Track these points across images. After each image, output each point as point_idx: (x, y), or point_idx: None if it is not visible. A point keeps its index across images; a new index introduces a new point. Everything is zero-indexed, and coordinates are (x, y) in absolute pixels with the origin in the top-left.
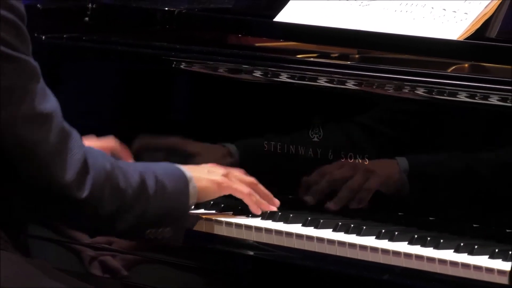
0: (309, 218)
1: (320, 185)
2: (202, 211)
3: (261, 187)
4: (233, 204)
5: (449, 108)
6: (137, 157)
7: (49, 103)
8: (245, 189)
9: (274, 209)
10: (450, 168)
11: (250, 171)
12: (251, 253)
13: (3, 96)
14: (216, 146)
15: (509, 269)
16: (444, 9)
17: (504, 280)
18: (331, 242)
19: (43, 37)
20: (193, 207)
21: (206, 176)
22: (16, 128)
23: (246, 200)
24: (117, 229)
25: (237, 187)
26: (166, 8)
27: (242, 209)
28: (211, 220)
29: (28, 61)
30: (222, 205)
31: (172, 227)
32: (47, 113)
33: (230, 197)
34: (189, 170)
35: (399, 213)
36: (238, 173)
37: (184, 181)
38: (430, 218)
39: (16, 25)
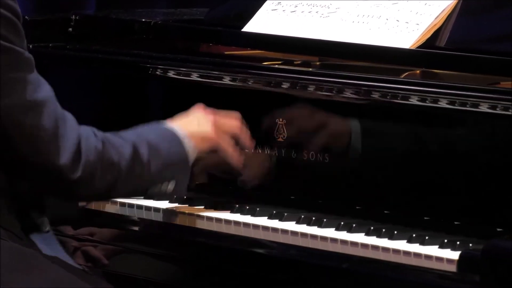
0: (274, 212)
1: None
2: (176, 205)
3: (244, 133)
4: (204, 199)
5: (402, 111)
6: None
7: (44, 90)
8: (230, 148)
9: (251, 147)
10: (403, 165)
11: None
12: (222, 243)
13: (1, 86)
14: None
15: (457, 258)
16: (398, 20)
17: (453, 268)
18: (294, 233)
19: (31, 46)
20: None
21: (197, 129)
22: (13, 116)
23: (229, 157)
24: (113, 197)
25: (224, 146)
26: (143, 20)
27: (213, 203)
28: (184, 213)
29: (23, 52)
30: (195, 199)
31: (174, 183)
32: (41, 100)
33: (201, 191)
34: (181, 126)
35: (357, 207)
36: (224, 114)
37: (178, 141)
38: (385, 212)
39: (13, 22)
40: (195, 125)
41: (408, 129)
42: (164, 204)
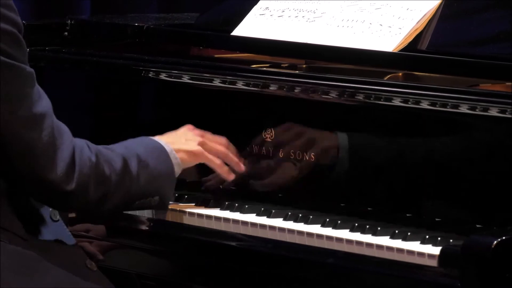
0: (262, 209)
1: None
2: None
3: (231, 153)
4: (195, 196)
5: (386, 112)
6: None
7: (43, 104)
8: (218, 162)
9: (242, 170)
10: (386, 164)
11: (209, 170)
12: (212, 239)
13: (2, 101)
14: None
15: (438, 253)
16: (381, 25)
17: (434, 263)
18: (281, 230)
19: (28, 49)
20: None
21: (184, 146)
22: (13, 129)
23: (218, 170)
24: (104, 209)
25: (211, 159)
26: (136, 24)
27: (203, 200)
28: (175, 210)
29: (24, 68)
30: (186, 197)
31: (159, 197)
32: (40, 114)
33: (192, 189)
34: (168, 142)
35: (341, 204)
36: (212, 137)
37: (165, 155)
38: (369, 209)
39: (15, 36)
40: (182, 141)
41: (391, 129)
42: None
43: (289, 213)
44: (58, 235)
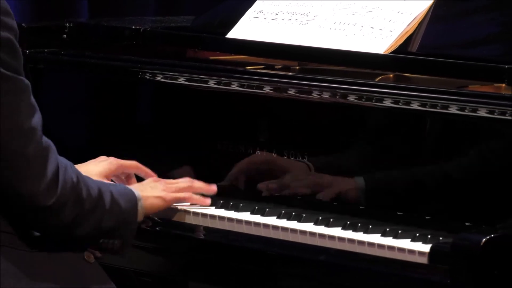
0: (257, 207)
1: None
2: None
3: (196, 184)
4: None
5: (376, 112)
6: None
7: (35, 118)
8: (186, 195)
9: (214, 191)
10: (377, 162)
11: (205, 169)
12: (208, 237)
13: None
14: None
15: (428, 250)
16: (372, 28)
17: (424, 260)
18: (275, 228)
19: (27, 51)
20: None
21: (151, 193)
22: (2, 140)
23: (190, 202)
24: (74, 235)
25: (179, 196)
26: (133, 27)
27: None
28: (172, 208)
29: (21, 80)
30: None
31: (121, 240)
32: (32, 128)
33: None
34: (137, 188)
35: (334, 203)
36: (173, 181)
37: (134, 201)
38: (360, 207)
39: (13, 44)
40: (148, 189)
41: (382, 129)
42: None
43: (283, 212)
44: None
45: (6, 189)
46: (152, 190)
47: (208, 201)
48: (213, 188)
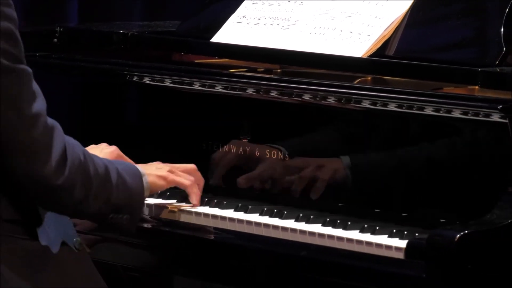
0: (240, 205)
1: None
2: (152, 199)
3: (199, 175)
4: (177, 193)
5: (355, 114)
6: None
7: (39, 104)
8: (187, 182)
9: (197, 204)
10: (355, 162)
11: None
12: (193, 234)
13: (2, 103)
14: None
15: (404, 246)
16: (351, 32)
17: (401, 256)
18: (258, 224)
19: None
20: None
21: (155, 172)
22: (8, 128)
23: (188, 190)
24: (85, 212)
25: (180, 180)
26: (121, 31)
27: (184, 197)
28: (158, 206)
29: (24, 69)
30: (168, 193)
31: (129, 215)
32: (36, 114)
33: (174, 187)
34: (141, 166)
35: (314, 200)
36: (180, 166)
37: (139, 176)
38: (339, 204)
39: (14, 34)
40: (153, 168)
41: (360, 130)
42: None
43: (265, 209)
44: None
45: (18, 176)
46: (157, 170)
47: (198, 204)
48: (196, 201)
